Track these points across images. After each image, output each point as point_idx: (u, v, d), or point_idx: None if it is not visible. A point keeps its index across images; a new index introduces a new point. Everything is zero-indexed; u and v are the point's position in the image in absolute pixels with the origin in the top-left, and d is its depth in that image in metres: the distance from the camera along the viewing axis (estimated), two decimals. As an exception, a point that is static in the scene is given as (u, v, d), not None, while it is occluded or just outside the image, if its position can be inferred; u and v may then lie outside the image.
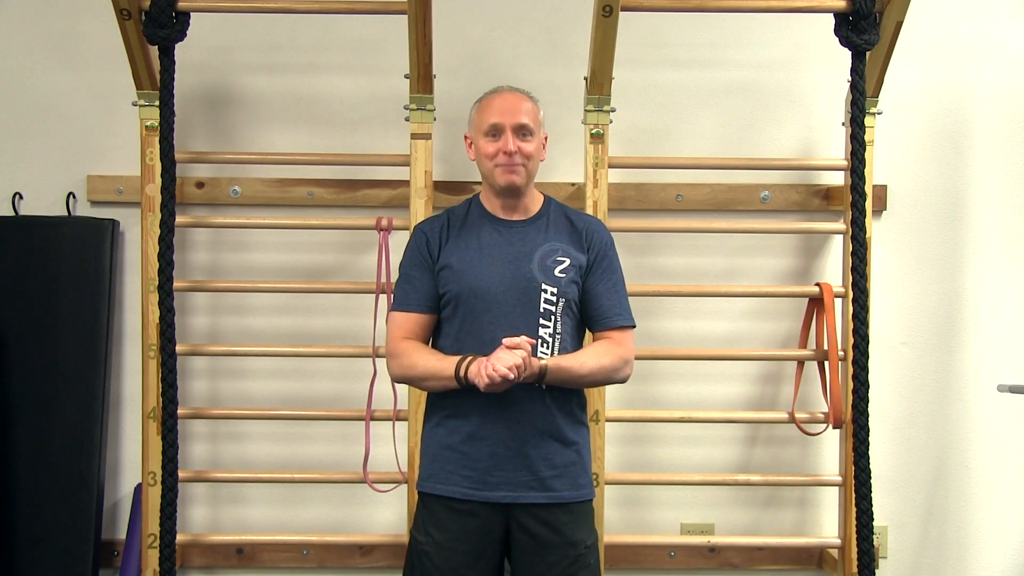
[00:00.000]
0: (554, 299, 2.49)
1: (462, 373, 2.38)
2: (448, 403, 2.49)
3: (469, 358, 2.39)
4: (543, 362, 2.41)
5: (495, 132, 2.52)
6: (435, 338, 2.59)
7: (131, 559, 3.34)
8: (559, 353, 2.49)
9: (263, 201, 3.46)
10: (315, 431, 3.50)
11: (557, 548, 2.44)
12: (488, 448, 2.44)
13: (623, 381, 2.60)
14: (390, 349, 2.56)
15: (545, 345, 2.48)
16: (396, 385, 3.19)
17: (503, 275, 2.49)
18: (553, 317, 2.50)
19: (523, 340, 2.36)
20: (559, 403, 2.50)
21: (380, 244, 3.24)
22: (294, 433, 3.51)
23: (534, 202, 2.64)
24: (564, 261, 2.53)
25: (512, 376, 2.30)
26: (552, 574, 2.44)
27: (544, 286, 2.49)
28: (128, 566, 3.35)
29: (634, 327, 2.62)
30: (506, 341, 2.36)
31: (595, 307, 2.56)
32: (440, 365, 2.43)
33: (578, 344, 2.59)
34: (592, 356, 2.51)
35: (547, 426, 2.47)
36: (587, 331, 2.67)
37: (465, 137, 2.67)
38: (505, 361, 2.31)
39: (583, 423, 2.58)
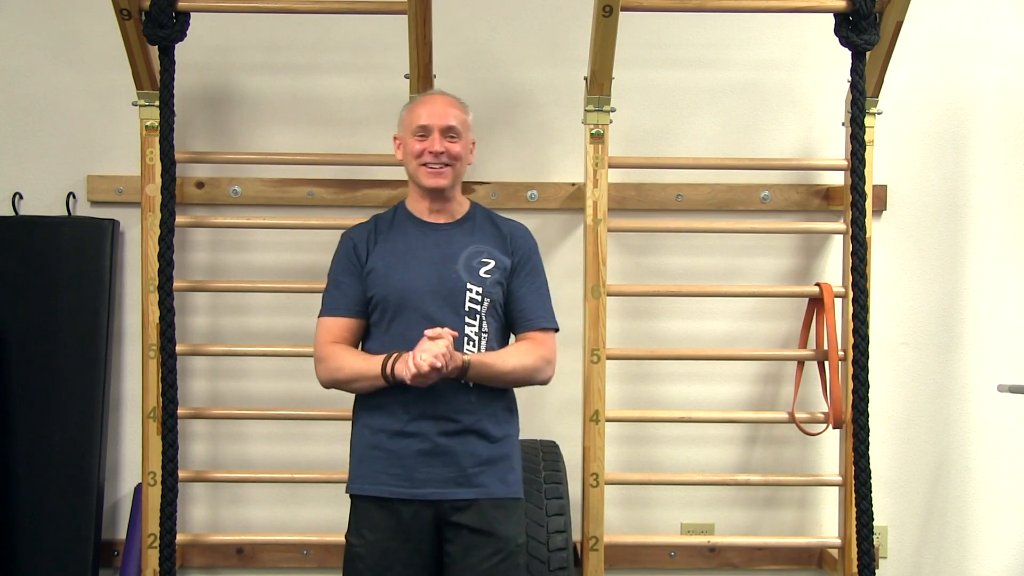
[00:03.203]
0: (479, 298, 2.51)
1: (388, 371, 2.40)
2: (374, 402, 2.48)
3: (395, 355, 2.41)
4: (466, 357, 2.42)
5: (423, 132, 2.55)
6: (364, 342, 2.58)
7: (131, 559, 3.34)
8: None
9: (263, 201, 3.46)
10: (315, 431, 3.50)
11: (487, 544, 2.44)
12: (416, 445, 2.44)
13: (545, 382, 2.59)
14: (317, 354, 2.54)
15: (471, 343, 2.49)
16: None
17: (428, 276, 2.51)
18: (478, 316, 2.51)
19: (445, 331, 2.38)
20: (484, 403, 2.50)
21: (380, 244, 3.24)
22: (294, 433, 3.51)
23: (461, 206, 2.65)
24: (489, 263, 2.55)
25: (439, 365, 2.31)
26: (483, 568, 2.43)
27: (469, 286, 2.50)
28: (128, 566, 3.35)
29: (557, 330, 2.62)
30: (428, 332, 2.37)
31: (519, 309, 2.58)
32: (367, 365, 2.44)
33: (503, 346, 2.59)
34: (515, 354, 2.52)
35: (473, 424, 2.47)
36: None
37: (394, 138, 2.66)
38: (431, 350, 2.33)
39: (510, 423, 2.57)
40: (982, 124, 3.56)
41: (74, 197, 3.48)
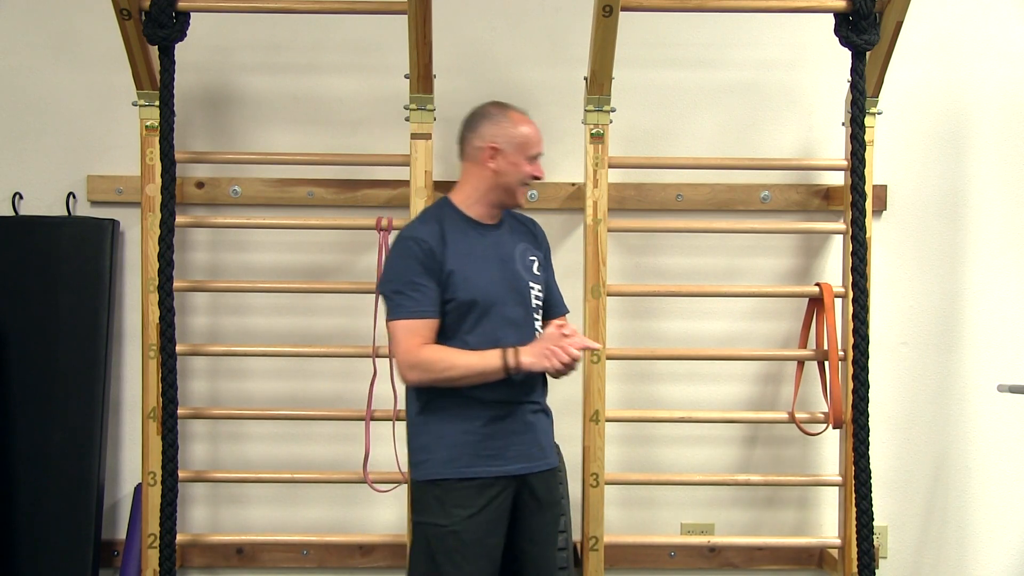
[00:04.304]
0: (540, 295, 2.68)
1: (512, 363, 2.50)
2: (461, 394, 2.55)
3: (511, 349, 2.51)
4: None
5: (535, 159, 2.67)
6: (439, 342, 2.61)
7: (131, 559, 3.35)
8: None
9: (263, 201, 3.46)
10: (315, 431, 3.50)
11: (551, 508, 2.68)
12: (508, 426, 2.58)
13: None
14: (411, 358, 2.54)
15: (538, 335, 2.64)
16: (396, 385, 3.19)
17: (500, 278, 2.61)
18: (541, 311, 2.69)
19: (563, 322, 2.60)
20: (543, 384, 2.71)
21: (380, 244, 3.25)
22: (294, 433, 3.51)
23: None
24: (535, 260, 2.71)
25: (596, 346, 2.71)
26: (548, 531, 2.68)
27: (531, 284, 2.67)
28: (128, 566, 3.35)
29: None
30: (557, 322, 2.58)
31: (546, 298, 2.75)
32: (482, 361, 2.52)
33: None
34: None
35: (540, 404, 2.69)
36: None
37: (492, 146, 2.63)
38: (577, 340, 2.52)
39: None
40: (982, 124, 3.57)
41: (74, 197, 3.48)
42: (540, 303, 2.67)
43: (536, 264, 2.69)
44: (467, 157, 2.68)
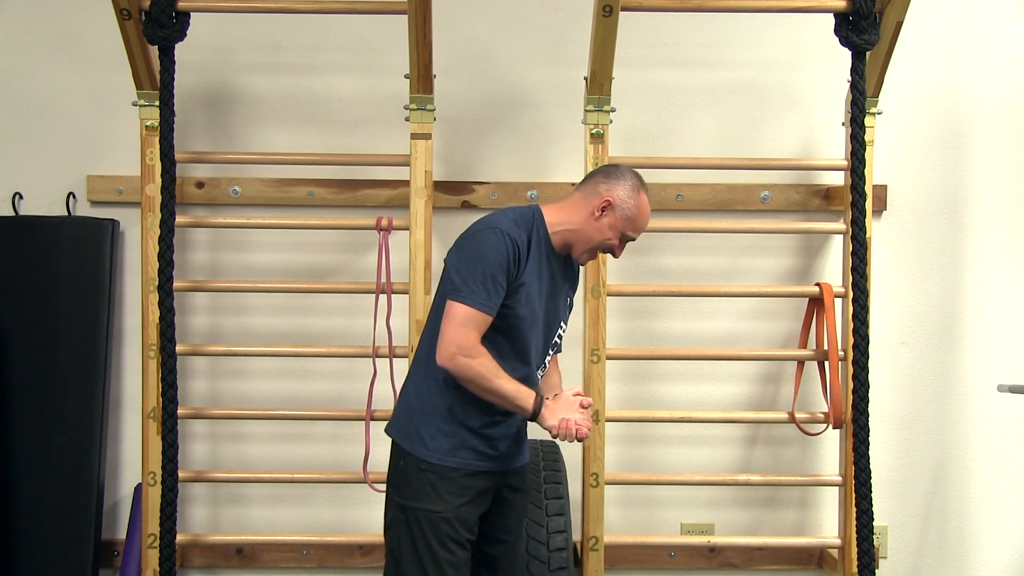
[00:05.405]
0: (562, 334, 2.68)
1: (538, 413, 2.51)
2: (468, 395, 2.54)
3: (540, 398, 2.52)
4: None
5: (626, 241, 2.65)
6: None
7: (131, 559, 3.35)
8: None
9: (263, 201, 3.46)
10: (315, 431, 3.50)
11: (522, 498, 2.75)
12: (504, 431, 2.60)
13: None
14: (468, 343, 2.50)
15: (541, 369, 2.65)
16: (396, 385, 3.19)
17: (545, 308, 2.60)
18: (555, 347, 2.68)
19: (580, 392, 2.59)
20: None
21: (380, 244, 3.25)
22: (294, 433, 3.51)
23: None
24: (570, 301, 2.70)
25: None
26: (520, 520, 2.75)
27: (562, 324, 2.67)
28: (128, 566, 3.35)
29: None
30: (584, 401, 2.54)
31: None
32: (518, 393, 2.51)
33: None
34: (557, 375, 2.78)
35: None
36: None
37: (609, 201, 2.58)
38: (588, 423, 2.53)
39: None
40: (982, 124, 3.57)
41: (74, 197, 3.48)
42: (559, 340, 2.67)
43: (569, 305, 2.69)
44: (584, 193, 2.62)
